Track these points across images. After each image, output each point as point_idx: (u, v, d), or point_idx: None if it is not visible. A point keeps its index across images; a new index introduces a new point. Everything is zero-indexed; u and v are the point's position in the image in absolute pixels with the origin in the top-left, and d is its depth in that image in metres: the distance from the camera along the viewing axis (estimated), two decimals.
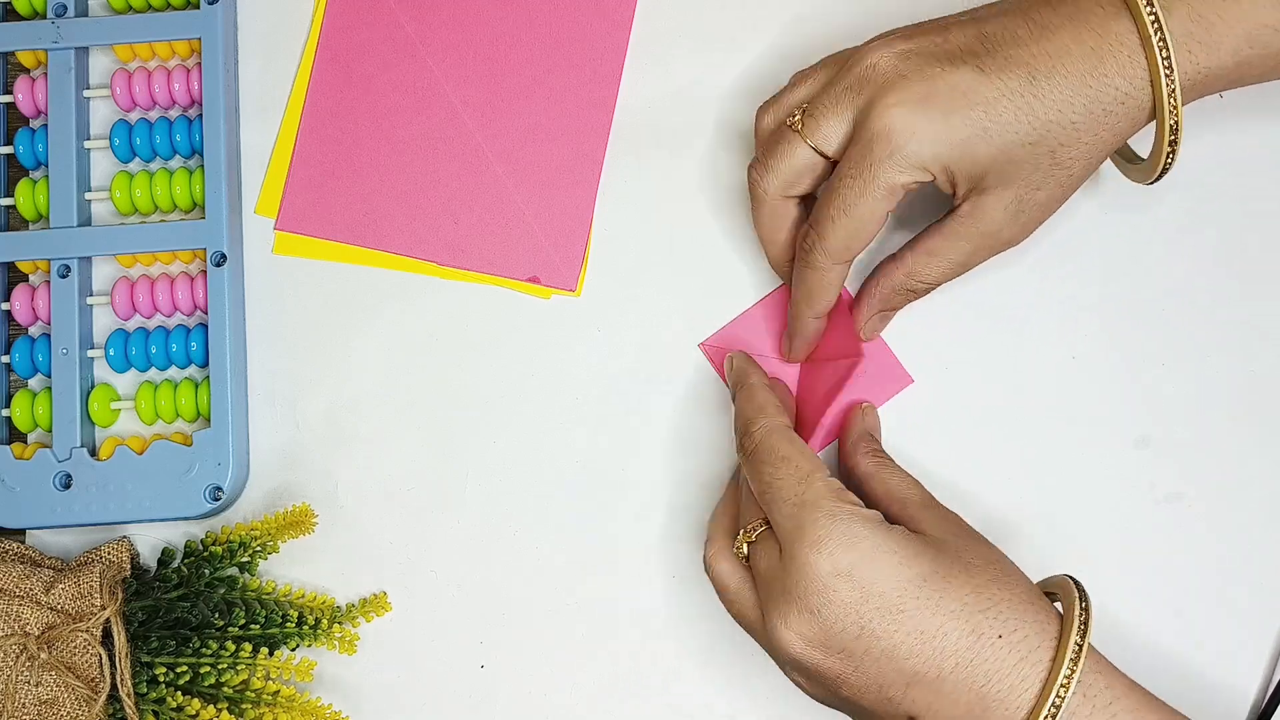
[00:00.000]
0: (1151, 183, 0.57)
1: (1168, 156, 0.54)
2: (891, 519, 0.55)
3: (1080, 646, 0.49)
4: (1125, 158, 0.60)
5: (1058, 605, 0.53)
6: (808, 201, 0.60)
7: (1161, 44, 0.51)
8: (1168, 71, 0.51)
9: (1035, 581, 0.54)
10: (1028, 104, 0.52)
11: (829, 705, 0.55)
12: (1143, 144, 0.57)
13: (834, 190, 0.55)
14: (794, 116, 0.56)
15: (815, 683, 0.53)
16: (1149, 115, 0.53)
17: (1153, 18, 0.51)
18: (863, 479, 0.59)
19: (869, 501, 0.57)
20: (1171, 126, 0.53)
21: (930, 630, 0.50)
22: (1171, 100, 0.52)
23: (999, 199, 0.55)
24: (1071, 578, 0.53)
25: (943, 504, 0.57)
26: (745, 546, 0.55)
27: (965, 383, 0.65)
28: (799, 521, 0.52)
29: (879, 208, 0.54)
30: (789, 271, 0.62)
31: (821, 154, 0.56)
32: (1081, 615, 0.50)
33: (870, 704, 0.52)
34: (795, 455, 0.55)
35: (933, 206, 0.64)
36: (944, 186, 0.55)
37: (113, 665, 0.60)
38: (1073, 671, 0.49)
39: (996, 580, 0.51)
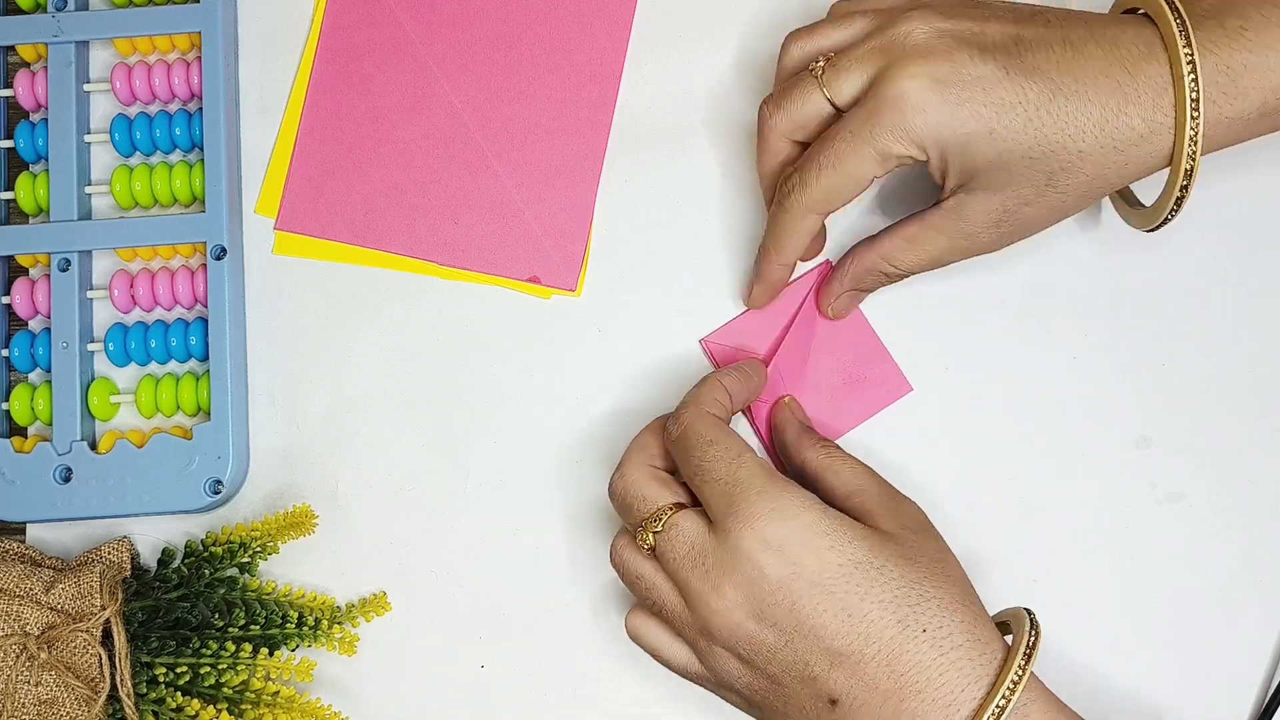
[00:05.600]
0: (1151, 230, 0.57)
1: (1173, 207, 0.55)
2: (848, 513, 0.55)
3: (1021, 674, 0.50)
4: (1126, 201, 0.60)
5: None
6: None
7: (1193, 87, 0.51)
8: (1194, 116, 0.52)
9: (994, 613, 0.55)
10: (1040, 119, 0.52)
11: (753, 708, 0.55)
12: (1144, 191, 0.58)
13: (828, 141, 0.55)
14: (818, 63, 0.56)
15: (745, 664, 0.53)
16: (1161, 162, 0.54)
17: (1189, 63, 0.51)
18: (815, 474, 0.58)
19: (824, 496, 0.57)
20: (1186, 172, 0.53)
21: (857, 613, 0.51)
22: (1191, 146, 0.52)
23: (984, 203, 0.55)
24: (1028, 610, 0.54)
25: (900, 494, 0.57)
26: (651, 537, 0.54)
27: (965, 384, 0.65)
28: (731, 498, 0.52)
29: (868, 169, 0.54)
30: None
31: (834, 105, 0.56)
32: (1030, 642, 0.51)
33: (795, 683, 0.52)
34: (723, 438, 0.55)
35: (919, 194, 0.64)
36: (935, 174, 0.55)
37: (113, 665, 0.59)
38: (1009, 697, 0.50)
39: (933, 577, 0.52)
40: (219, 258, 0.65)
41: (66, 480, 0.64)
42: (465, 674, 0.65)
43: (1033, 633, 0.51)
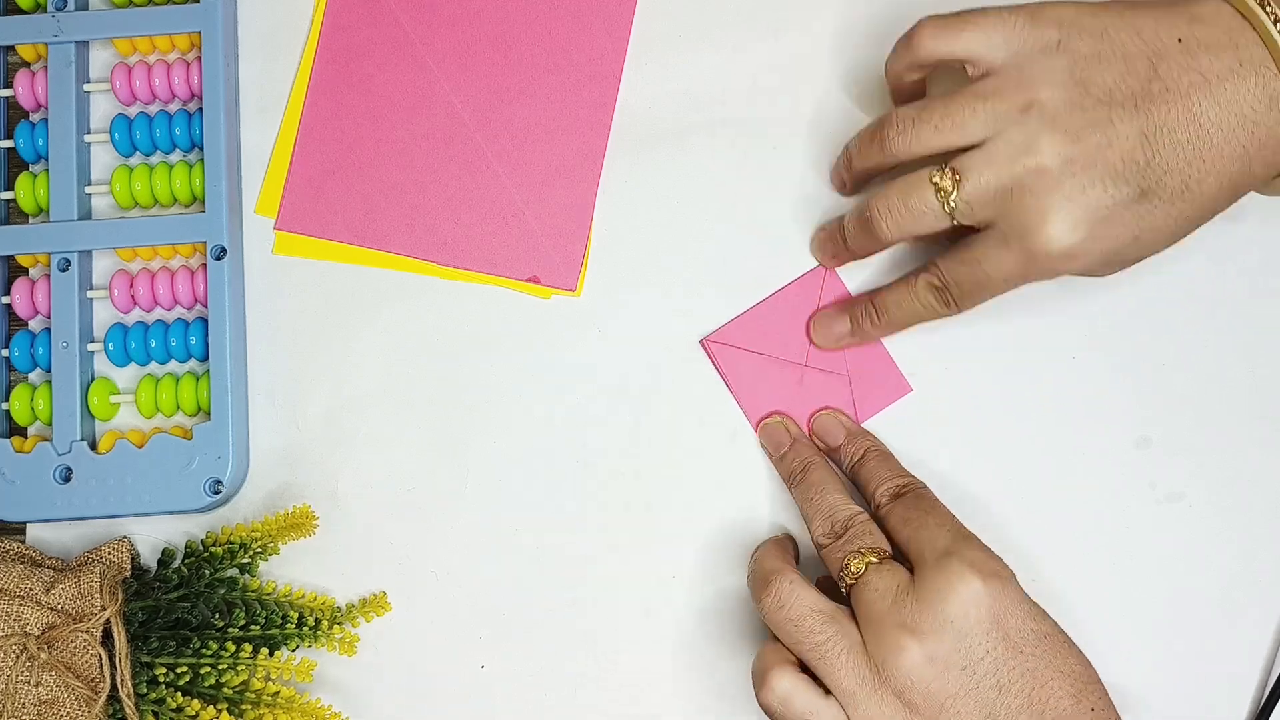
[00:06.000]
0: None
1: None
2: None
3: None
4: None
5: None
6: None
7: None
8: None
9: None
10: (1179, 211, 0.53)
11: None
12: None
13: (981, 283, 0.57)
14: (940, 172, 0.55)
15: (910, 710, 0.53)
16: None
17: None
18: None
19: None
20: None
21: (1042, 679, 0.53)
22: None
23: (1121, 262, 0.57)
24: None
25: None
26: (864, 564, 0.55)
27: (965, 383, 0.65)
28: (951, 543, 0.54)
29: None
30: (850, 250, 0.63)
31: (956, 221, 0.56)
32: None
33: None
34: (947, 507, 0.59)
35: None
36: None
37: (113, 666, 0.59)
38: None
39: (1091, 664, 0.55)
40: (219, 258, 0.65)
41: (66, 480, 0.64)
42: (465, 674, 0.65)
43: None
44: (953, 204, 0.55)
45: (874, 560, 0.55)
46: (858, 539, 0.57)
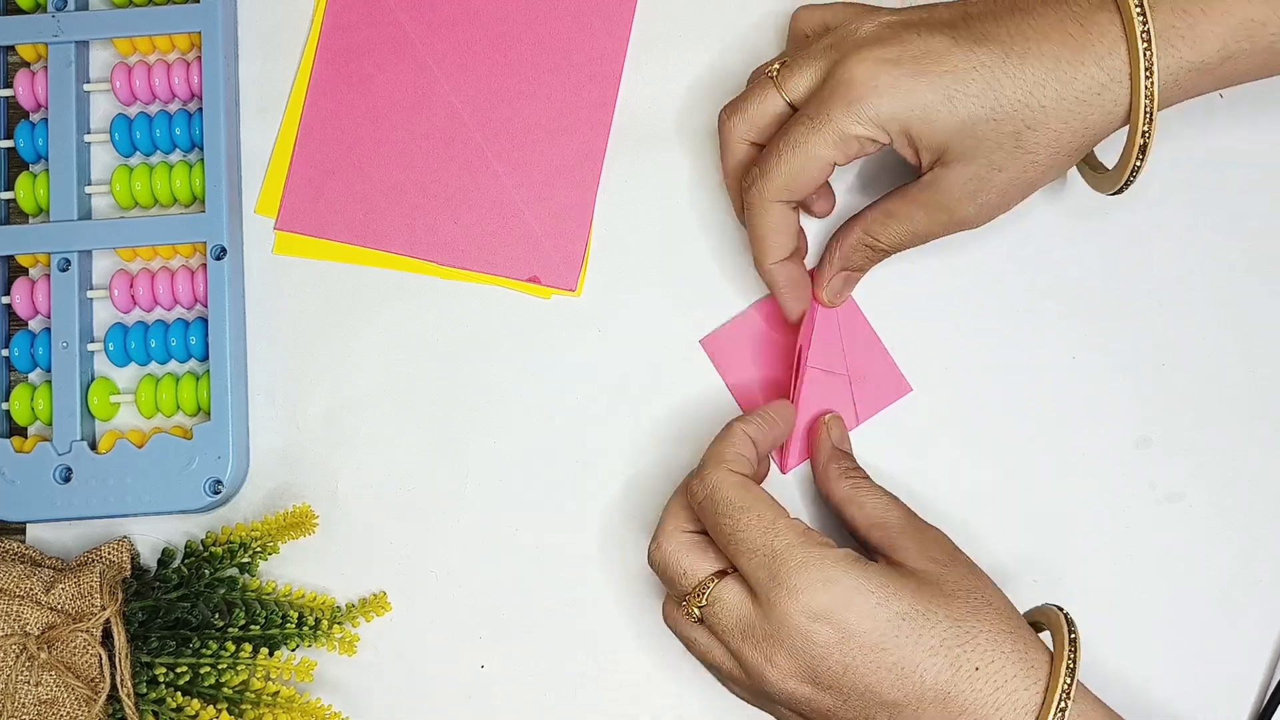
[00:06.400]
0: (1115, 193, 0.57)
1: (1136, 161, 0.54)
2: (872, 545, 0.57)
3: (1070, 684, 0.51)
4: (1091, 167, 0.60)
5: (1045, 636, 0.55)
6: None
7: (1145, 37, 0.51)
8: (1147, 69, 0.51)
9: (1024, 611, 0.56)
10: (997, 80, 0.52)
11: None
12: (1109, 156, 0.57)
13: (788, 129, 0.55)
14: (774, 66, 0.57)
15: (805, 718, 0.54)
16: (1125, 114, 0.53)
17: (1139, 12, 0.51)
18: (840, 504, 0.59)
19: (849, 526, 0.59)
20: (1144, 131, 0.52)
21: (909, 666, 0.51)
22: (1148, 100, 0.52)
23: (959, 174, 0.55)
24: (1060, 609, 0.54)
25: (925, 522, 0.57)
26: (696, 610, 0.55)
27: (965, 384, 0.65)
28: (772, 570, 0.52)
29: (827, 153, 0.54)
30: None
31: (789, 103, 0.56)
32: (1070, 652, 0.52)
33: None
34: (753, 503, 0.54)
35: (901, 174, 0.64)
36: (905, 152, 0.55)
37: (113, 665, 0.59)
38: (1064, 708, 0.51)
39: (976, 612, 0.53)
40: (219, 258, 0.65)
41: (66, 480, 0.64)
42: (465, 674, 0.65)
43: (1072, 644, 0.52)
44: (777, 73, 0.56)
45: (701, 603, 0.54)
46: (677, 582, 0.56)
